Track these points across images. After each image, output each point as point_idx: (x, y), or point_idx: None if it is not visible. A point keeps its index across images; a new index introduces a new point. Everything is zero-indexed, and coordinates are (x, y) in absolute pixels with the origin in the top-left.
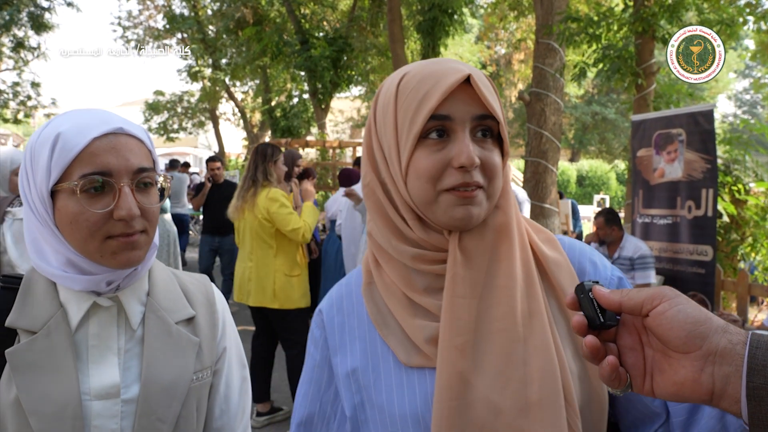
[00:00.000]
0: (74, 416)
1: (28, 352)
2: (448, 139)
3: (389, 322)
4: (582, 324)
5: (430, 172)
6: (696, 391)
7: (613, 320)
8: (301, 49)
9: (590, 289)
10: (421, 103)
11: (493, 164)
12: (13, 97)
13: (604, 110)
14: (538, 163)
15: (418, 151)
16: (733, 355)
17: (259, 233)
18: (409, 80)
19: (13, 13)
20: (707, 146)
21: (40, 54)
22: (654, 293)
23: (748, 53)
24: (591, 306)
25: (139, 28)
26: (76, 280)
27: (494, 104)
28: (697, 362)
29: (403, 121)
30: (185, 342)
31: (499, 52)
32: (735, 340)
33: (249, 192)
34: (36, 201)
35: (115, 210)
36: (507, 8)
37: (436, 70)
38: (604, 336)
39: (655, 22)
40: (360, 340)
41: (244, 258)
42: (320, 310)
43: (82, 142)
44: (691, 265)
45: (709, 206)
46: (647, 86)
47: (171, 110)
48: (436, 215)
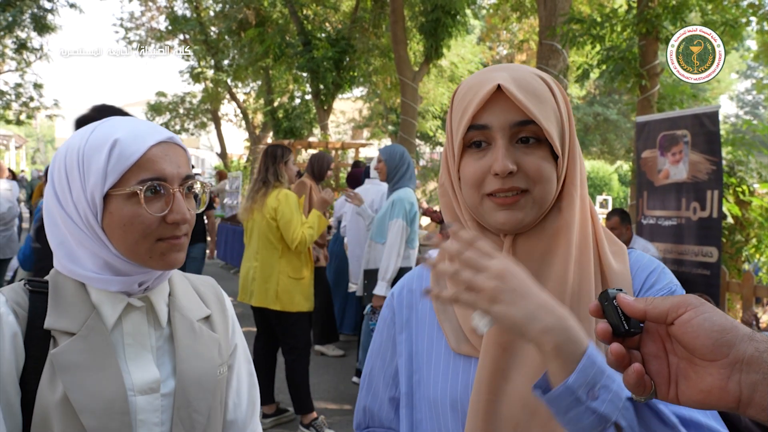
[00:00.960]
0: (122, 411)
1: (71, 352)
2: (489, 147)
3: (448, 309)
4: (607, 331)
5: (473, 178)
6: (723, 398)
7: (638, 328)
8: (304, 51)
9: (614, 297)
10: (463, 114)
11: (535, 169)
12: (16, 99)
13: (606, 111)
14: None
15: (465, 158)
16: (760, 363)
17: (266, 234)
18: (461, 89)
19: (16, 15)
20: (712, 147)
21: (42, 55)
22: (679, 302)
23: (751, 54)
24: (615, 314)
25: (141, 29)
26: (111, 282)
27: (534, 109)
28: (724, 370)
29: (455, 129)
30: (207, 338)
31: (501, 53)
32: (762, 348)
33: (259, 193)
34: (80, 205)
35: (169, 214)
36: (509, 9)
37: (480, 81)
38: (628, 343)
39: (658, 24)
40: (422, 322)
41: (249, 258)
42: (392, 293)
43: (141, 148)
44: (696, 267)
45: (714, 207)
46: (651, 87)
47: (173, 111)
48: (484, 218)
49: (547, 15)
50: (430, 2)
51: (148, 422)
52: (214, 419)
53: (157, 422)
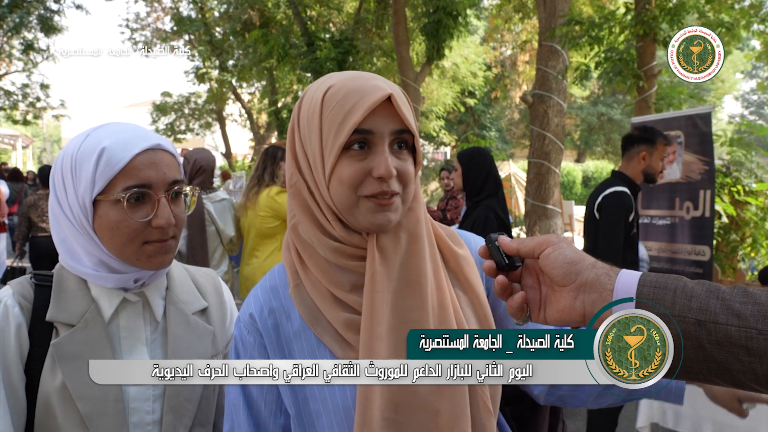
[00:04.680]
0: (116, 399)
1: (70, 343)
2: (369, 151)
3: (321, 320)
4: (492, 267)
5: (351, 180)
6: (572, 315)
7: (514, 263)
8: (307, 51)
9: (496, 239)
10: (346, 118)
11: (407, 173)
12: (23, 99)
13: (610, 111)
14: (540, 165)
15: (341, 160)
16: (597, 285)
17: (261, 231)
18: (334, 93)
19: (23, 16)
20: (705, 148)
21: (49, 56)
22: (543, 240)
23: (754, 54)
24: (498, 252)
25: (146, 30)
26: (107, 279)
27: (411, 120)
28: (572, 293)
29: (329, 132)
30: (202, 330)
31: (504, 54)
32: (600, 273)
33: (252, 191)
34: (74, 208)
35: (153, 219)
36: (512, 10)
37: (361, 86)
38: (511, 278)
39: (656, 25)
40: (296, 340)
41: (247, 255)
42: (251, 315)
43: (126, 156)
44: (689, 265)
45: (706, 207)
46: (648, 88)
47: (178, 111)
48: (357, 219)
49: (546, 16)
50: (432, 3)
51: (141, 409)
52: (206, 406)
53: (149, 410)
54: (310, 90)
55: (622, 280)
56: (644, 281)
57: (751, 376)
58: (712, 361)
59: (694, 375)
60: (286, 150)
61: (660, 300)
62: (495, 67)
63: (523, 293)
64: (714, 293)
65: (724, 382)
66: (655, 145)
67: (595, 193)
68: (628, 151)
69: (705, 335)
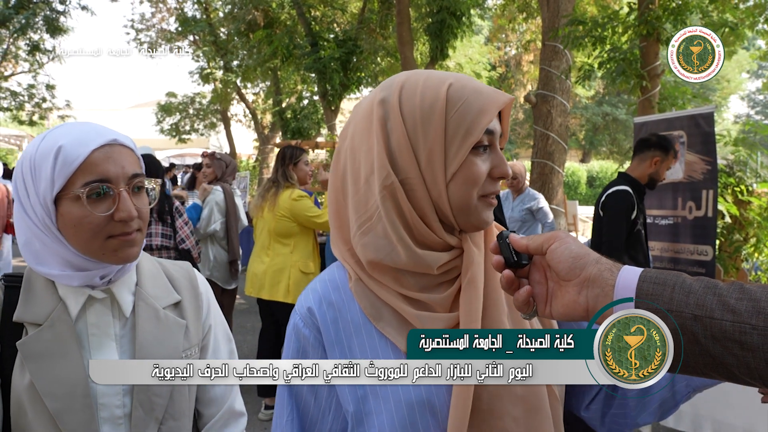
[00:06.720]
0: (84, 395)
1: (36, 342)
2: (489, 151)
3: (384, 314)
4: (500, 263)
5: (478, 179)
6: (576, 310)
7: (526, 260)
8: (311, 51)
9: (507, 236)
10: (478, 116)
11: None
12: (29, 99)
13: (615, 111)
14: (544, 164)
15: (469, 158)
16: (600, 280)
17: (277, 231)
18: (459, 90)
19: (29, 17)
20: (707, 148)
21: (54, 57)
22: (550, 235)
23: (760, 53)
24: (508, 249)
25: (151, 31)
26: (72, 277)
27: None
28: (577, 287)
29: (456, 130)
30: (173, 324)
31: (508, 53)
32: (603, 268)
33: (269, 192)
34: (37, 209)
35: (116, 212)
36: (516, 10)
37: (484, 87)
38: (520, 274)
39: (659, 25)
40: (356, 335)
41: (259, 253)
42: (309, 309)
43: (83, 153)
44: (692, 265)
45: (709, 207)
46: (652, 88)
47: (183, 112)
48: (469, 218)
49: (550, 16)
50: (436, 3)
51: (110, 405)
52: (178, 401)
53: (119, 404)
54: (410, 86)
55: (624, 276)
56: (644, 277)
57: (744, 370)
58: (708, 355)
59: (691, 369)
60: (376, 149)
61: (659, 295)
62: (499, 66)
63: (529, 287)
64: (711, 289)
65: (719, 375)
66: (668, 155)
67: (601, 193)
68: (642, 153)
69: (701, 330)
